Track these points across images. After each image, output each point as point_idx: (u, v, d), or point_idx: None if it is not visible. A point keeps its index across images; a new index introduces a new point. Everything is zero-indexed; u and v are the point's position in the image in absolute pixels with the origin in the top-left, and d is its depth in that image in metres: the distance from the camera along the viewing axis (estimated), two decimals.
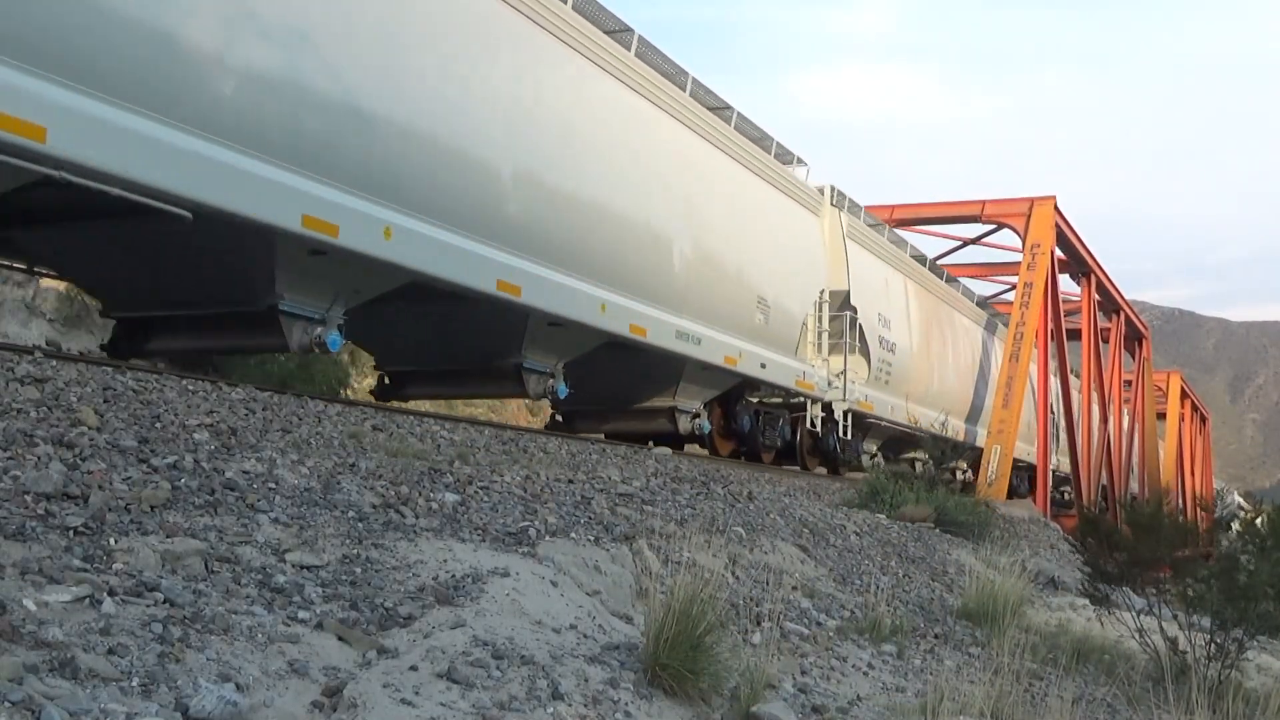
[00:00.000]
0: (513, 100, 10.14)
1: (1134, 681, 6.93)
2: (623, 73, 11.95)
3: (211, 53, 7.33)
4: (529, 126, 10.33)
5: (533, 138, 10.40)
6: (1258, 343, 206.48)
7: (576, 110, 11.11)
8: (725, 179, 14.16)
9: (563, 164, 10.81)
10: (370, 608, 3.95)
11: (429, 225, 9.12)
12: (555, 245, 10.64)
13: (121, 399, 5.82)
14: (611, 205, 11.61)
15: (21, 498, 3.86)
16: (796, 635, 5.84)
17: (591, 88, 11.44)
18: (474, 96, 9.72)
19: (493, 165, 9.85)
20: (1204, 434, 53.59)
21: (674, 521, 7.04)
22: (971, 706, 4.88)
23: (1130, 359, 36.48)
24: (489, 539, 5.19)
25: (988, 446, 22.61)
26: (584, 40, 11.25)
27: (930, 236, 27.09)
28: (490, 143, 9.88)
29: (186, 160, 7.13)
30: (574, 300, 10.97)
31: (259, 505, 4.61)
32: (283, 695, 3.16)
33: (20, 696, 2.55)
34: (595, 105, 11.51)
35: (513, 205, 10.09)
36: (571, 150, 10.95)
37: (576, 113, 11.10)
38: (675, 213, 12.79)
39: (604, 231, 11.50)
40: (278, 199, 7.78)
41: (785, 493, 11.52)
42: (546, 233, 10.52)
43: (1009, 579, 8.66)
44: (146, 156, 6.90)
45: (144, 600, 3.37)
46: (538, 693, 3.62)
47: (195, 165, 7.19)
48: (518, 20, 10.29)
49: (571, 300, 10.92)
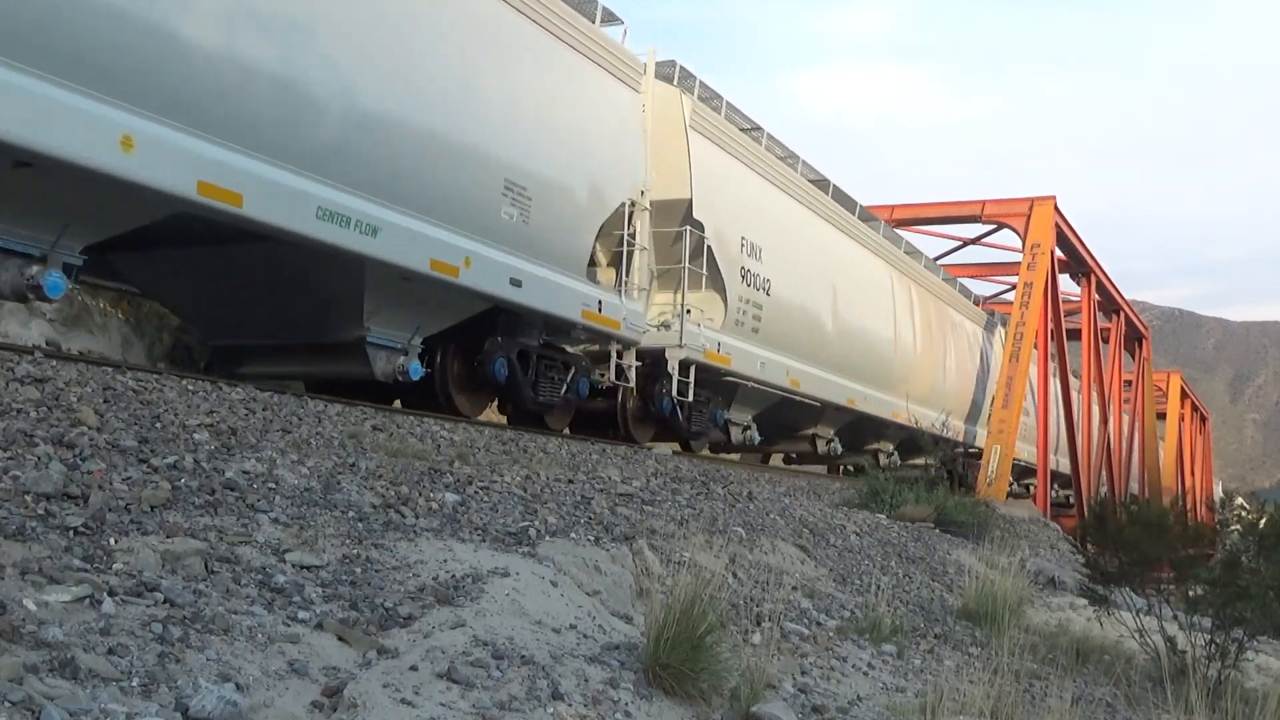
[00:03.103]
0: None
1: (1133, 681, 6.93)
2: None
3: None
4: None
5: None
6: (1258, 343, 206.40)
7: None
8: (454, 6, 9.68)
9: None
10: (370, 608, 3.95)
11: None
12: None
13: (121, 399, 5.82)
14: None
15: (21, 498, 3.86)
16: (796, 635, 5.84)
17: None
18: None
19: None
20: (1204, 434, 53.60)
21: (674, 521, 7.05)
22: (971, 706, 4.88)
23: (1130, 359, 36.48)
24: (489, 539, 5.19)
25: (987, 446, 22.62)
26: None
27: (930, 236, 27.11)
28: None
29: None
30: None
31: (259, 505, 4.61)
32: (283, 695, 3.16)
33: (20, 696, 2.55)
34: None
35: None
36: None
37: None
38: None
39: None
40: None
41: (785, 493, 11.54)
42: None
43: (1009, 579, 8.66)
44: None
45: (144, 600, 3.37)
46: (538, 693, 3.62)
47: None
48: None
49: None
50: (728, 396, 15.06)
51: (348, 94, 8.39)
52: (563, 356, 11.91)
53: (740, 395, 15.28)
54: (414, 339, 9.62)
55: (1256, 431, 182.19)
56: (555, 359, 11.74)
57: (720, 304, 13.92)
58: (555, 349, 11.93)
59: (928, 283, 22.59)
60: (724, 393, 14.88)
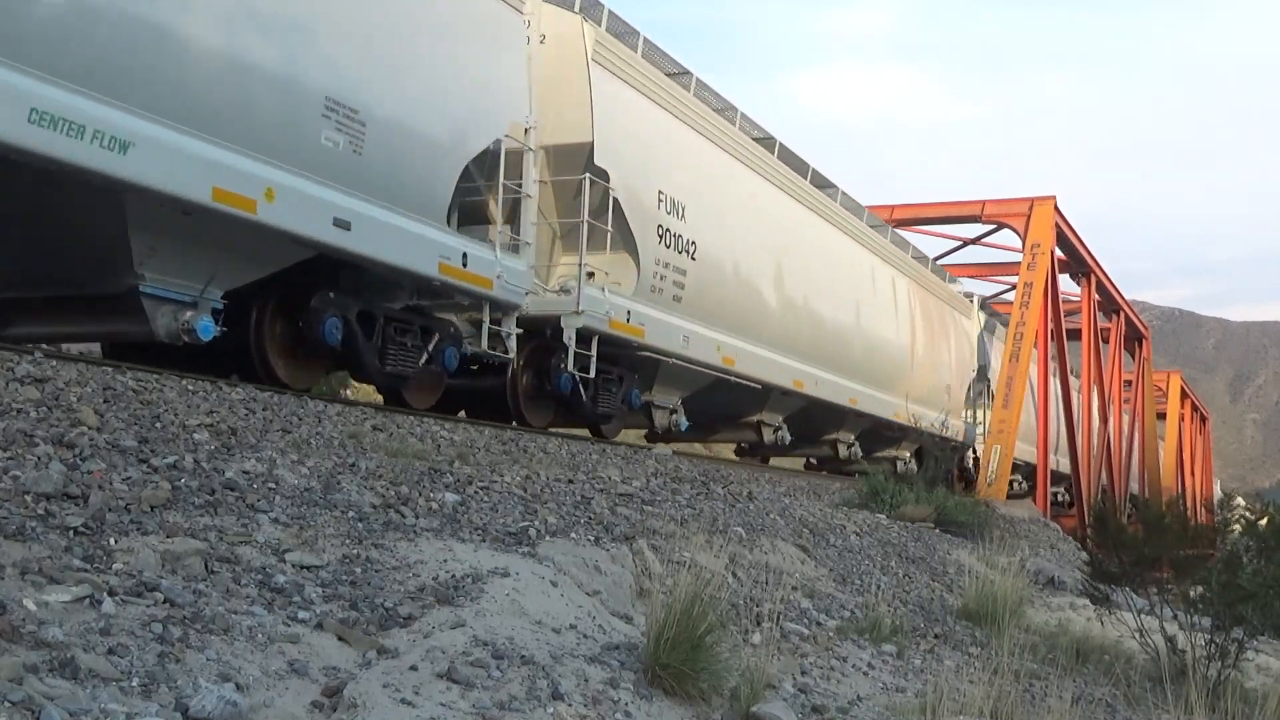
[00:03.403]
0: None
1: (1133, 681, 6.93)
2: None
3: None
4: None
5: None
6: (1258, 343, 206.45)
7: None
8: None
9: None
10: (370, 608, 3.95)
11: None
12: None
13: (121, 399, 5.82)
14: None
15: (21, 498, 3.86)
16: (796, 635, 5.84)
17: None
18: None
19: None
20: (1204, 434, 53.63)
21: (674, 521, 7.05)
22: (971, 706, 4.88)
23: (1130, 359, 36.50)
24: (489, 539, 5.19)
25: (987, 446, 22.63)
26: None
27: (931, 236, 27.12)
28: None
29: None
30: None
31: (259, 505, 4.61)
32: (283, 695, 3.16)
33: (20, 696, 2.55)
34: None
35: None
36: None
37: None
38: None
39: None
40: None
41: (785, 493, 11.54)
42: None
43: (1009, 579, 8.66)
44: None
45: (144, 600, 3.37)
46: (538, 693, 3.62)
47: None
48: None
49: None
50: (647, 376, 12.99)
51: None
52: (423, 321, 10.02)
53: (663, 374, 13.14)
54: (207, 291, 7.85)
55: (1256, 431, 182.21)
56: (412, 324, 9.82)
57: (632, 267, 11.89)
58: (417, 312, 10.08)
59: (893, 257, 20.28)
60: (643, 371, 12.84)
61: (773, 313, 15.32)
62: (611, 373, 12.06)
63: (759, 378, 14.87)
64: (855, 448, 19.72)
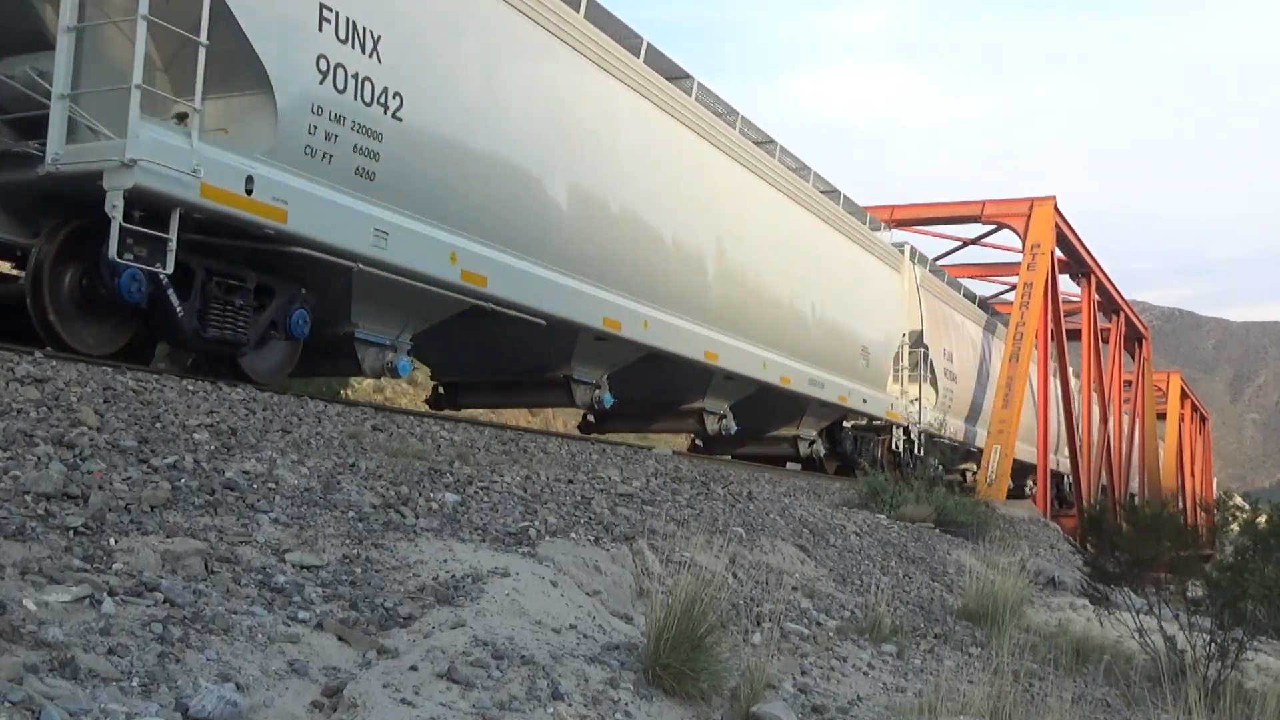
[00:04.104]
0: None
1: (1133, 682, 6.93)
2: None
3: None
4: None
5: None
6: (1258, 343, 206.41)
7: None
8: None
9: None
10: (370, 608, 3.95)
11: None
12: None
13: (121, 399, 5.82)
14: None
15: (21, 498, 3.86)
16: (796, 635, 5.84)
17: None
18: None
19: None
20: (1204, 434, 53.58)
21: (674, 521, 7.05)
22: (971, 706, 4.88)
23: (1130, 359, 36.49)
24: (489, 539, 5.19)
25: (988, 446, 22.63)
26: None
27: (931, 236, 27.12)
28: None
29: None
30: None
31: (259, 505, 4.61)
32: (283, 695, 3.16)
33: (20, 696, 2.55)
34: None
35: None
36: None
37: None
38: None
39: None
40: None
41: (785, 493, 11.53)
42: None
43: (1009, 579, 8.66)
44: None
45: (144, 600, 3.37)
46: (538, 693, 3.62)
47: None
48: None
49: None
50: (334, 291, 8.84)
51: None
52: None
53: (362, 291, 8.94)
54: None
55: (1256, 431, 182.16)
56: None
57: (267, 111, 7.72)
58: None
59: (783, 181, 15.72)
60: (320, 284, 8.70)
61: (561, 215, 10.77)
62: (242, 280, 8.21)
63: (541, 310, 10.49)
64: (727, 420, 15.10)
